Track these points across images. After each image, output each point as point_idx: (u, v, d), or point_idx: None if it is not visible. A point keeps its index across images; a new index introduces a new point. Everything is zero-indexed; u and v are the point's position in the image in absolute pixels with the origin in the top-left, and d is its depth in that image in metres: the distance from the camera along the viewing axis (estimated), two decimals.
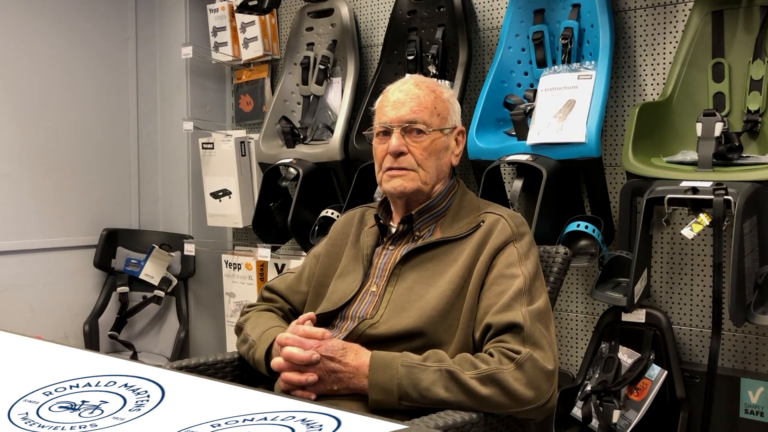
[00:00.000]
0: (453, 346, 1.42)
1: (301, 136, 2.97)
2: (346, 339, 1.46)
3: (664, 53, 2.32)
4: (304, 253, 2.88)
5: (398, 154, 1.53)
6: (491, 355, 1.36)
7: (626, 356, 2.23)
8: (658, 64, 2.33)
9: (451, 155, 1.59)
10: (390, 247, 1.57)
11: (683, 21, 2.26)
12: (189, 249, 3.37)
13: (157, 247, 3.46)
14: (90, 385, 0.97)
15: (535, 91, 2.35)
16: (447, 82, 2.54)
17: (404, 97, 1.55)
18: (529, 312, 1.39)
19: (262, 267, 3.24)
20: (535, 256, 1.51)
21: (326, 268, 1.66)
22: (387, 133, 1.55)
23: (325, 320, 1.55)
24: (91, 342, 3.40)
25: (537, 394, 1.34)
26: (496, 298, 1.42)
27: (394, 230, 1.59)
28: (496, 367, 1.33)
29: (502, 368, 1.33)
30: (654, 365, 2.18)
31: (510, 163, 2.25)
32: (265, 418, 0.82)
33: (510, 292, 1.42)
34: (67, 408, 0.90)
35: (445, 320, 1.43)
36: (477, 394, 1.32)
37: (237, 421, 0.81)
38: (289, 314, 1.69)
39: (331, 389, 1.36)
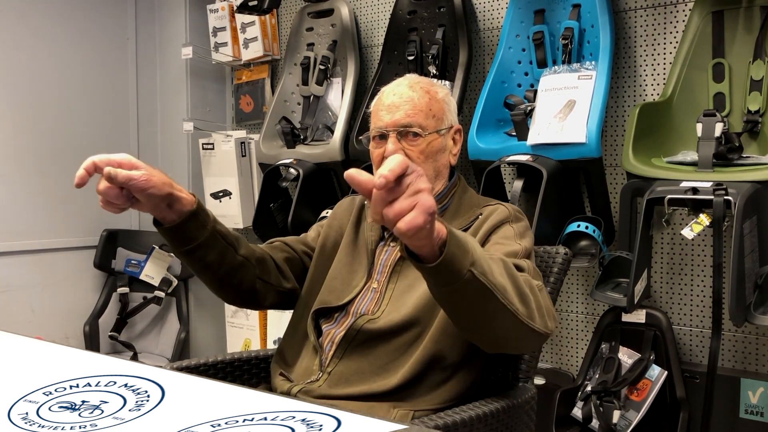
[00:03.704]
0: (437, 321, 1.42)
1: (302, 137, 2.97)
2: (345, 335, 1.46)
3: (665, 53, 2.32)
4: None
5: None
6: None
7: (626, 356, 2.23)
8: (658, 64, 2.33)
9: (448, 155, 1.59)
10: (391, 244, 1.58)
11: (683, 21, 2.26)
12: None
13: (157, 247, 3.45)
14: (90, 385, 0.97)
15: (536, 92, 2.35)
16: (447, 82, 2.54)
17: (399, 100, 1.54)
18: (528, 264, 1.37)
19: None
20: (531, 238, 1.49)
21: (327, 238, 1.66)
22: (383, 137, 1.54)
23: (326, 313, 1.55)
24: (91, 343, 3.40)
25: (551, 323, 1.29)
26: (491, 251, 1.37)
27: None
28: (529, 278, 1.30)
29: (533, 282, 1.29)
30: (654, 365, 2.18)
31: (510, 163, 2.25)
32: (265, 418, 0.82)
33: (506, 250, 1.39)
34: (67, 408, 0.90)
35: (436, 305, 1.41)
36: (524, 292, 1.24)
37: (237, 421, 0.81)
38: (283, 258, 1.63)
39: (419, 238, 1.07)
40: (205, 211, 1.44)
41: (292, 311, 1.68)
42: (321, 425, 0.79)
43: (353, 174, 1.03)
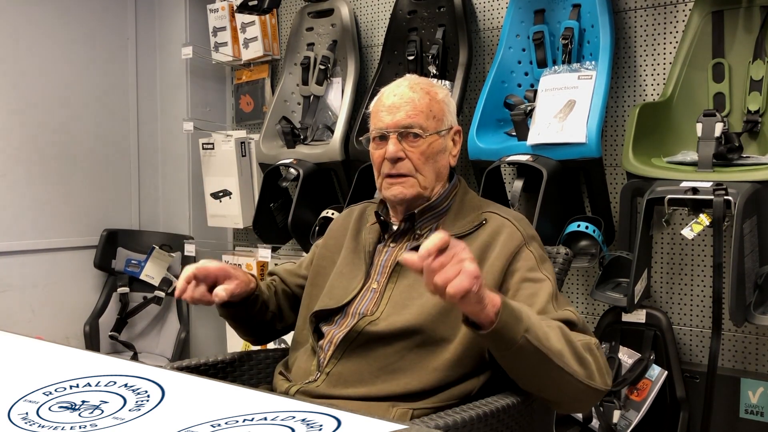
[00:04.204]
0: (456, 344, 1.41)
1: (302, 137, 2.97)
2: (346, 336, 1.46)
3: (665, 53, 2.32)
4: (304, 254, 2.88)
5: (396, 160, 1.52)
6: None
7: (626, 356, 2.23)
8: (658, 64, 2.33)
9: (448, 156, 1.58)
10: (391, 245, 1.57)
11: (683, 21, 2.26)
12: (189, 249, 3.37)
13: (157, 247, 3.46)
14: (90, 385, 0.97)
15: (536, 92, 2.35)
16: (447, 82, 2.54)
17: (399, 101, 1.54)
18: (574, 316, 1.42)
19: (262, 267, 3.24)
20: (549, 261, 1.52)
21: (323, 258, 1.67)
22: (383, 137, 1.54)
23: (326, 316, 1.55)
24: (91, 343, 3.40)
25: (609, 379, 1.38)
26: (528, 300, 1.40)
27: (395, 228, 1.59)
28: (586, 339, 1.37)
29: (590, 341, 1.36)
30: (654, 365, 2.19)
31: (510, 163, 2.25)
32: (265, 418, 0.82)
33: (543, 295, 1.41)
34: (67, 408, 0.90)
35: (446, 318, 1.42)
36: (582, 356, 1.32)
37: (237, 421, 0.82)
38: (282, 294, 1.73)
39: (470, 302, 1.18)
40: (260, 287, 1.64)
41: None
42: (321, 425, 0.79)
43: (407, 258, 1.17)
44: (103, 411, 0.88)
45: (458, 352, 1.40)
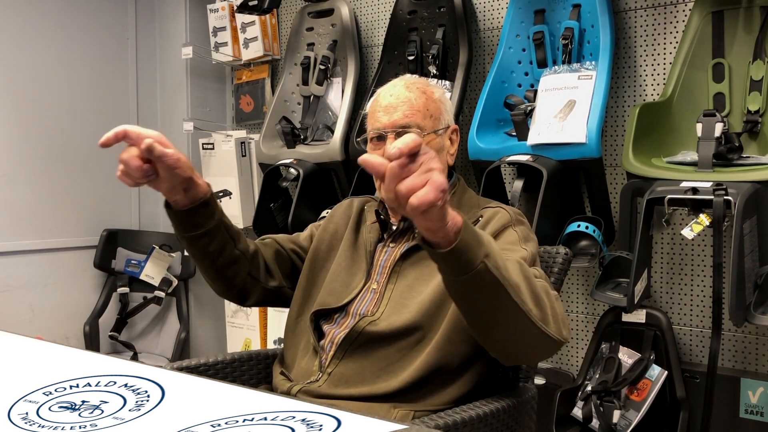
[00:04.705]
0: (444, 325, 1.42)
1: (302, 137, 2.97)
2: (347, 336, 1.46)
3: (665, 53, 2.32)
4: None
5: None
6: None
7: (626, 356, 2.23)
8: (658, 64, 2.33)
9: (446, 155, 1.58)
10: (391, 245, 1.58)
11: (683, 21, 2.26)
12: None
13: (157, 247, 3.46)
14: (90, 385, 0.97)
15: (536, 92, 2.35)
16: (447, 82, 2.54)
17: (396, 101, 1.53)
18: (541, 273, 1.36)
19: None
20: (535, 242, 1.49)
21: (321, 242, 1.67)
22: (381, 138, 1.54)
23: (325, 314, 1.55)
24: (91, 343, 3.40)
25: (565, 331, 1.29)
26: None
27: (395, 227, 1.59)
28: (545, 285, 1.29)
29: (549, 288, 1.29)
30: (654, 365, 2.19)
31: (510, 163, 2.25)
32: (265, 418, 0.82)
33: (516, 256, 1.35)
34: (67, 408, 0.90)
35: (440, 311, 1.43)
36: (539, 296, 1.24)
37: (237, 421, 0.81)
38: (274, 254, 1.65)
39: (432, 218, 1.07)
40: (215, 202, 1.48)
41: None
42: (321, 425, 0.79)
43: (367, 158, 1.04)
44: (103, 411, 0.88)
45: (446, 331, 1.41)
